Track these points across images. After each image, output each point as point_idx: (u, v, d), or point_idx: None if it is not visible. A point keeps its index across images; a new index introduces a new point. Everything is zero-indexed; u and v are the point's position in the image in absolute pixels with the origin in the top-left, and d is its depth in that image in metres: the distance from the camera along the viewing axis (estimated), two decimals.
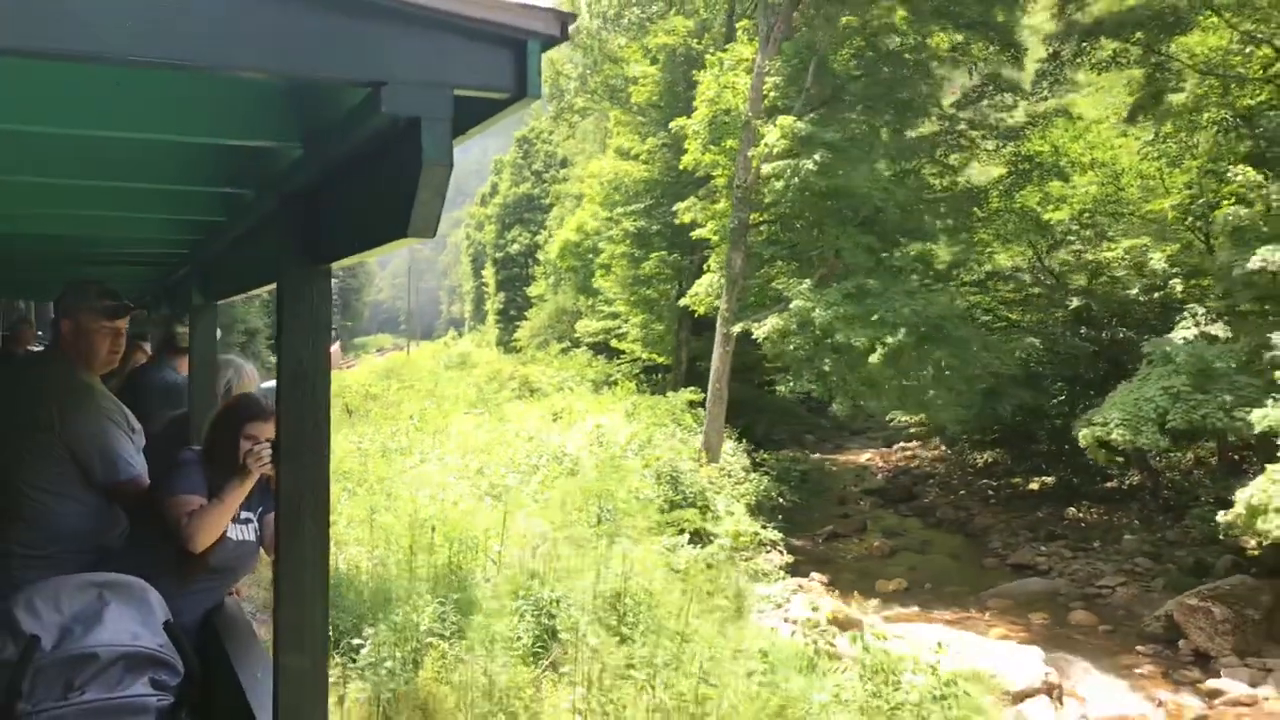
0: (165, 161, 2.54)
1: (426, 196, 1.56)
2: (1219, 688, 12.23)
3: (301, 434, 2.30)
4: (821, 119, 18.64)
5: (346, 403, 27.56)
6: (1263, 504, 11.90)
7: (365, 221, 1.92)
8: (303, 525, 2.31)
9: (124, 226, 3.84)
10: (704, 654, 8.74)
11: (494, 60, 1.53)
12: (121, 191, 2.95)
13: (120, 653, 2.38)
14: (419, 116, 1.50)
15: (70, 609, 2.42)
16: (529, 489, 14.01)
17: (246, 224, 2.95)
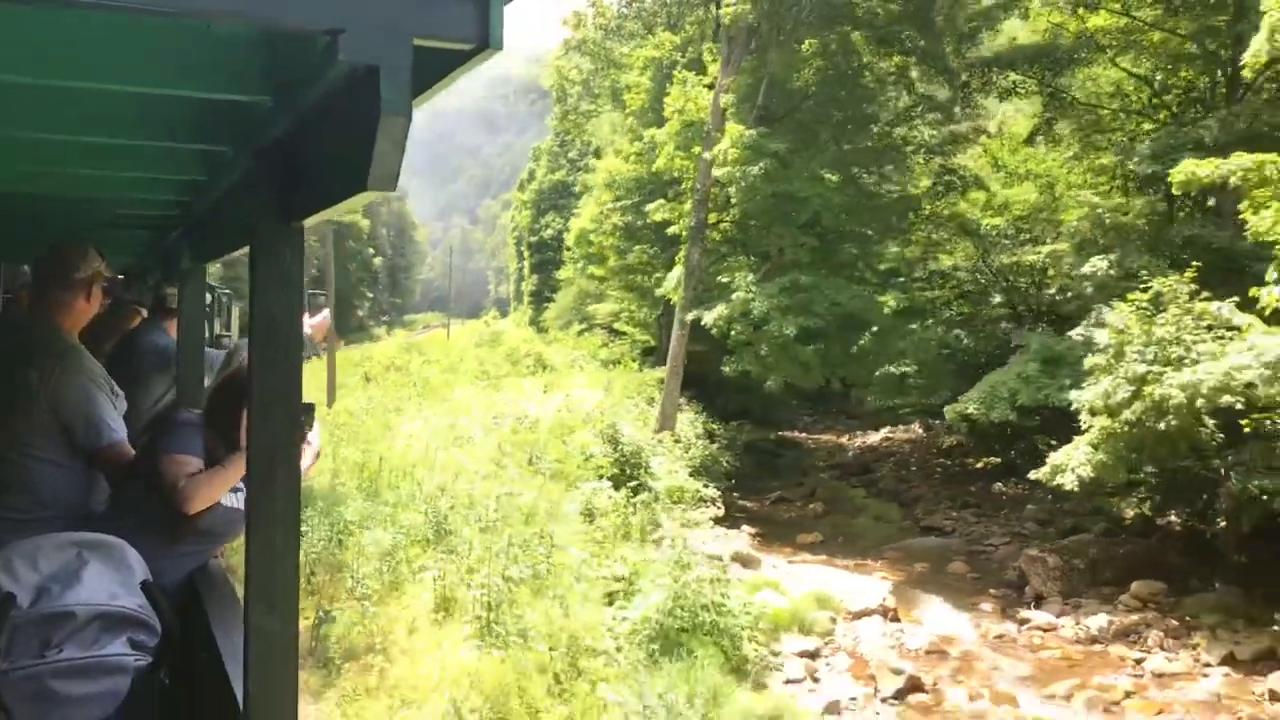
0: (143, 115, 2.53)
1: (385, 148, 1.53)
2: (1031, 618, 14.89)
3: (273, 392, 2.32)
4: (772, 132, 21.43)
5: (366, 371, 30.86)
6: (1062, 464, 14.61)
7: (328, 176, 1.89)
8: (274, 483, 2.32)
9: (113, 186, 3.82)
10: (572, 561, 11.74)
11: (455, 9, 1.49)
12: (105, 148, 2.96)
13: (98, 612, 2.38)
14: (377, 65, 1.48)
15: (48, 568, 2.42)
16: (485, 440, 17.04)
17: (226, 183, 2.96)
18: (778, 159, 20.66)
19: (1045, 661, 13.31)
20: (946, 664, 13.07)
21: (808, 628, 13.49)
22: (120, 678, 2.37)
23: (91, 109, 2.46)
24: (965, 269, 24.56)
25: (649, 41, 27.54)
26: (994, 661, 13.28)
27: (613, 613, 10.58)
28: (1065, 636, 14.25)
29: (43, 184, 3.81)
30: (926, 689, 11.93)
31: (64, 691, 2.29)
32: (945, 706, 11.53)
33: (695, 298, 22.36)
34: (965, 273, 24.35)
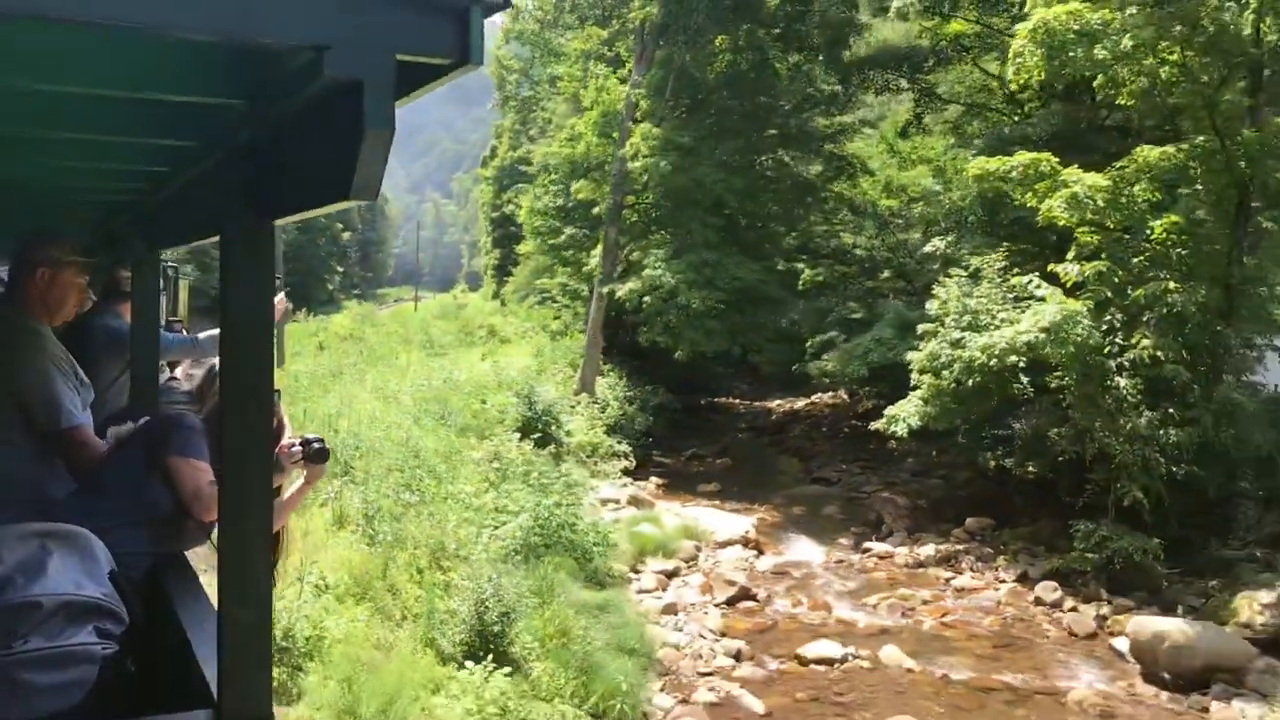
0: (107, 114, 2.46)
1: (368, 159, 1.58)
2: (873, 548, 17.35)
3: (245, 385, 2.33)
4: (679, 123, 23.74)
5: (321, 341, 33.08)
6: (896, 415, 17.08)
7: (308, 181, 1.92)
8: (247, 476, 2.33)
9: (64, 175, 3.78)
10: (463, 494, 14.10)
11: (437, 26, 1.55)
12: (61, 142, 2.92)
13: (63, 601, 2.38)
14: (361, 80, 1.53)
15: (12, 559, 2.42)
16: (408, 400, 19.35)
17: (189, 175, 2.96)
18: (683, 150, 22.97)
19: (871, 580, 15.79)
20: (784, 581, 15.53)
21: (671, 553, 15.91)
22: (88, 666, 2.37)
23: (55, 107, 2.44)
24: (863, 246, 26.94)
25: (578, 34, 29.71)
26: (826, 580, 15.75)
27: (488, 531, 12.92)
28: (897, 562, 16.71)
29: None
30: (756, 598, 14.38)
31: (32, 681, 2.29)
32: (767, 611, 13.97)
33: (612, 273, 24.69)
34: (863, 250, 26.73)
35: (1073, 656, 12.42)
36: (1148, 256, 15.61)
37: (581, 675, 9.75)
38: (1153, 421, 14.57)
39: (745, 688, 11.08)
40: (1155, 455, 14.35)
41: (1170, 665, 11.46)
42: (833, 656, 11.97)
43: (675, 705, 10.45)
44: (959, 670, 11.86)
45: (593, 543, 13.26)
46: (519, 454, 17.85)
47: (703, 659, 11.80)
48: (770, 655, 12.20)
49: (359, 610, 9.00)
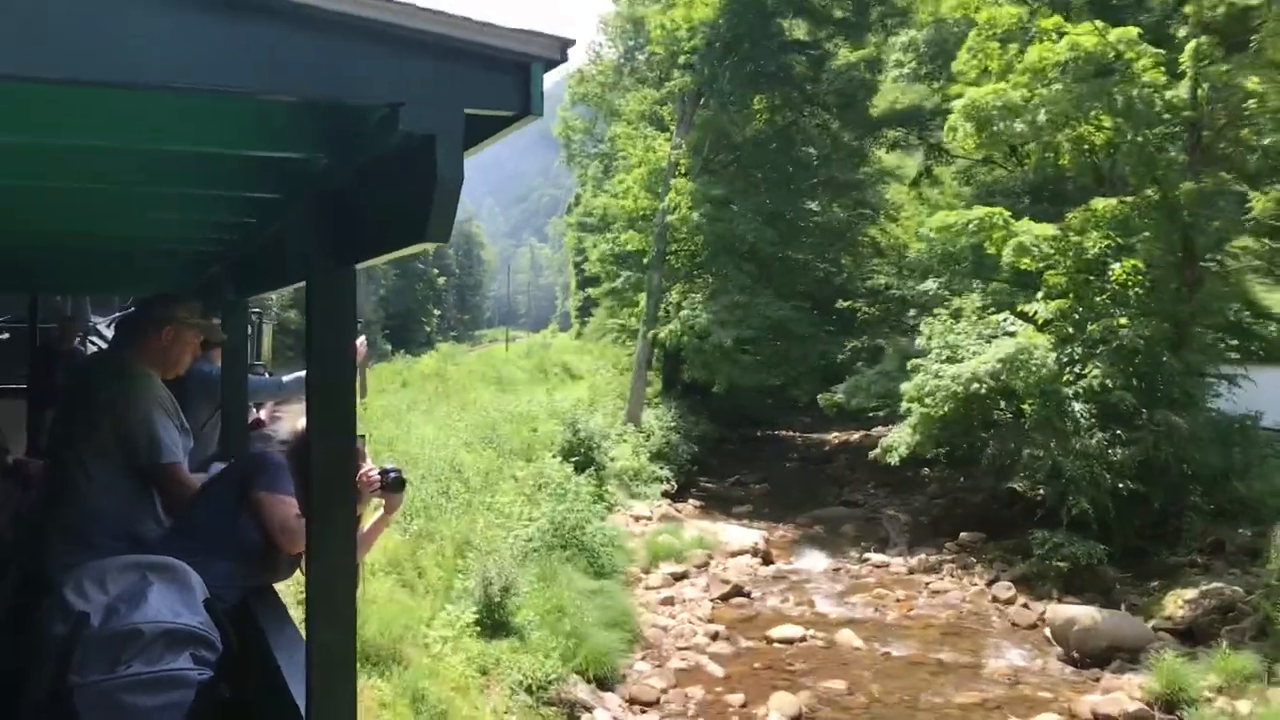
0: (203, 169, 2.68)
1: (440, 205, 1.72)
2: (871, 559, 19.43)
3: (330, 421, 2.47)
4: (715, 178, 26.31)
5: (405, 379, 36.24)
6: (891, 444, 19.18)
7: (387, 226, 2.07)
8: (332, 508, 2.48)
9: (162, 227, 3.97)
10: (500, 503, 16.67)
11: (501, 82, 1.69)
12: (157, 197, 3.13)
13: (162, 629, 2.54)
14: (433, 134, 1.67)
15: (116, 589, 2.60)
16: (466, 428, 22.09)
17: (277, 225, 3.18)
18: (718, 203, 25.51)
19: (860, 584, 17.87)
20: (780, 584, 17.72)
21: (683, 559, 18.25)
22: (184, 691, 2.52)
23: (151, 165, 2.63)
24: (889, 286, 29.01)
25: (632, 95, 32.56)
26: (819, 583, 17.89)
27: (515, 531, 15.46)
28: (890, 571, 18.76)
29: (92, 225, 3.94)
30: (749, 596, 16.63)
31: (134, 704, 2.45)
32: (754, 605, 16.21)
33: (655, 315, 27.26)
34: (890, 290, 28.81)
35: (1006, 641, 14.43)
36: (1109, 296, 17.59)
37: (571, 641, 12.17)
38: (1101, 442, 16.49)
39: (713, 659, 13.40)
40: (1102, 471, 16.25)
41: (1079, 645, 13.43)
42: (794, 637, 14.22)
43: (649, 668, 12.80)
44: (901, 649, 13.99)
45: (599, 544, 15.64)
46: (559, 474, 20.35)
47: (683, 638, 14.14)
48: (744, 637, 14.48)
49: (386, 581, 11.58)
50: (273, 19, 1.54)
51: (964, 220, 17.13)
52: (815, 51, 27.51)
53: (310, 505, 2.57)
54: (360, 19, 1.59)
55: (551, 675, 11.14)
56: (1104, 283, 17.60)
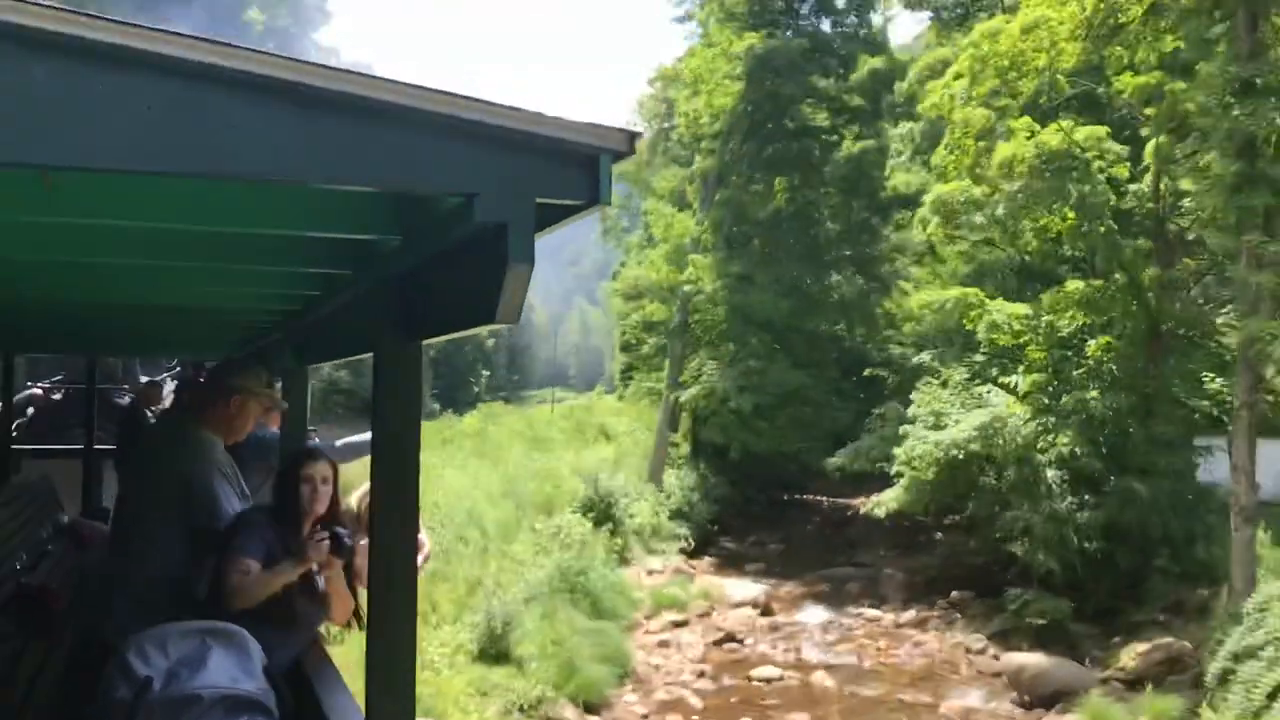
0: (275, 248, 2.76)
1: (511, 289, 1.78)
2: (864, 613, 20.75)
3: (395, 493, 2.57)
4: (735, 254, 28.14)
5: (446, 437, 38.13)
6: (880, 501, 20.63)
7: (457, 306, 2.13)
8: (393, 577, 2.55)
9: (229, 299, 4.11)
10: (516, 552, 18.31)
11: (571, 173, 1.75)
12: (234, 272, 3.21)
13: (221, 695, 2.59)
14: (506, 223, 1.73)
15: (177, 653, 2.67)
16: (493, 483, 23.83)
17: (344, 299, 3.21)
18: (736, 278, 27.32)
19: (848, 635, 19.21)
20: (774, 634, 19.11)
21: (685, 608, 19.74)
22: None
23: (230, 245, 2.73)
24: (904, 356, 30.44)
25: (666, 173, 34.65)
26: (811, 634, 19.25)
27: (524, 575, 17.10)
28: (880, 625, 20.06)
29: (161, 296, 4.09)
30: (742, 642, 18.07)
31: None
32: (744, 650, 17.64)
33: (677, 380, 28.99)
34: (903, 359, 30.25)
35: (969, 685, 15.74)
36: (1085, 371, 19.02)
37: (564, 671, 13.75)
38: (1070, 506, 17.83)
39: (695, 693, 14.90)
40: (1070, 533, 17.57)
41: (1030, 689, 14.75)
42: (771, 676, 15.68)
43: (635, 698, 14.33)
44: (869, 690, 15.38)
45: (601, 590, 17.23)
46: (577, 528, 21.99)
47: (671, 675, 15.66)
48: (728, 676, 15.95)
49: None
50: (349, 115, 1.62)
51: (942, 299, 18.70)
52: (830, 137, 29.38)
53: (372, 575, 2.66)
54: (438, 114, 1.66)
55: (542, 698, 12.72)
56: (1080, 358, 19.04)
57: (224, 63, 1.53)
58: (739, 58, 27.64)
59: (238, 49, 1.55)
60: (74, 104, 1.48)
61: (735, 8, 29.13)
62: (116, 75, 1.49)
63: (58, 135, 1.49)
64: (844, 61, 29.26)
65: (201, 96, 1.54)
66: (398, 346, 2.57)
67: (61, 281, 3.74)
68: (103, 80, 1.48)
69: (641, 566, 23.56)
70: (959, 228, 17.79)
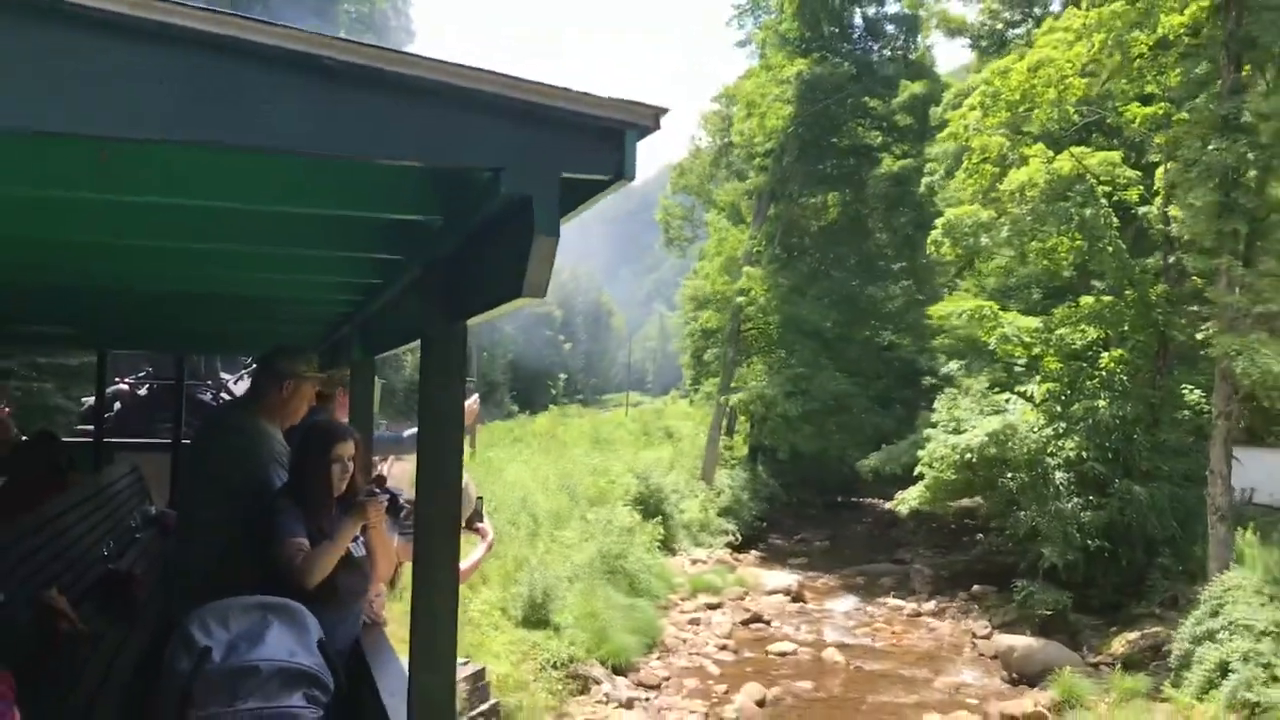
0: (331, 231, 2.82)
1: (537, 263, 1.82)
2: (889, 602, 22.32)
3: (438, 470, 2.60)
4: (786, 266, 29.87)
5: (517, 436, 40.39)
6: (905, 499, 22.18)
7: (489, 283, 2.18)
8: (436, 553, 2.59)
9: (298, 288, 4.21)
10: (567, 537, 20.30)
11: (596, 148, 1.75)
12: (295, 257, 3.33)
13: (279, 667, 2.70)
14: (531, 196, 1.75)
15: (237, 627, 2.76)
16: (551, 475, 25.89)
17: (399, 286, 3.28)
18: (787, 289, 29.06)
19: (869, 621, 20.83)
20: (801, 618, 20.81)
21: (721, 593, 21.54)
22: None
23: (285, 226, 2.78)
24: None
25: (727, 187, 36.46)
26: (835, 619, 20.91)
27: (570, 556, 19.05)
28: (902, 613, 21.62)
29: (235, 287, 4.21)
30: (768, 623, 19.80)
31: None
32: (770, 630, 19.37)
33: (729, 385, 30.79)
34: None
35: (966, 665, 17.30)
36: (1099, 381, 20.41)
37: (598, 638, 15.67)
38: (1076, 506, 19.24)
39: (715, 663, 16.71)
40: (1074, 531, 18.98)
41: (1018, 668, 16.29)
42: (786, 651, 17.41)
43: (659, 664, 16.20)
44: (873, 665, 17.03)
45: (639, 571, 19.13)
46: (627, 519, 23.91)
47: (696, 647, 17.48)
48: (748, 650, 17.73)
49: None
50: (380, 89, 1.65)
51: (959, 310, 20.24)
52: (881, 155, 30.93)
53: (416, 553, 2.69)
54: (463, 89, 1.69)
55: (574, 658, 14.67)
56: (1094, 369, 20.43)
57: (251, 37, 1.58)
58: (789, 82, 29.37)
59: (264, 23, 1.60)
60: (120, 78, 1.53)
61: (789, 33, 30.88)
62: (152, 47, 1.54)
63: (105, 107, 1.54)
64: (888, 84, 30.78)
65: (238, 71, 1.59)
66: (442, 329, 2.64)
67: (135, 268, 3.80)
68: (139, 52, 1.54)
69: (687, 556, 25.41)
70: (969, 250, 19.32)
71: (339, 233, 2.89)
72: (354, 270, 3.62)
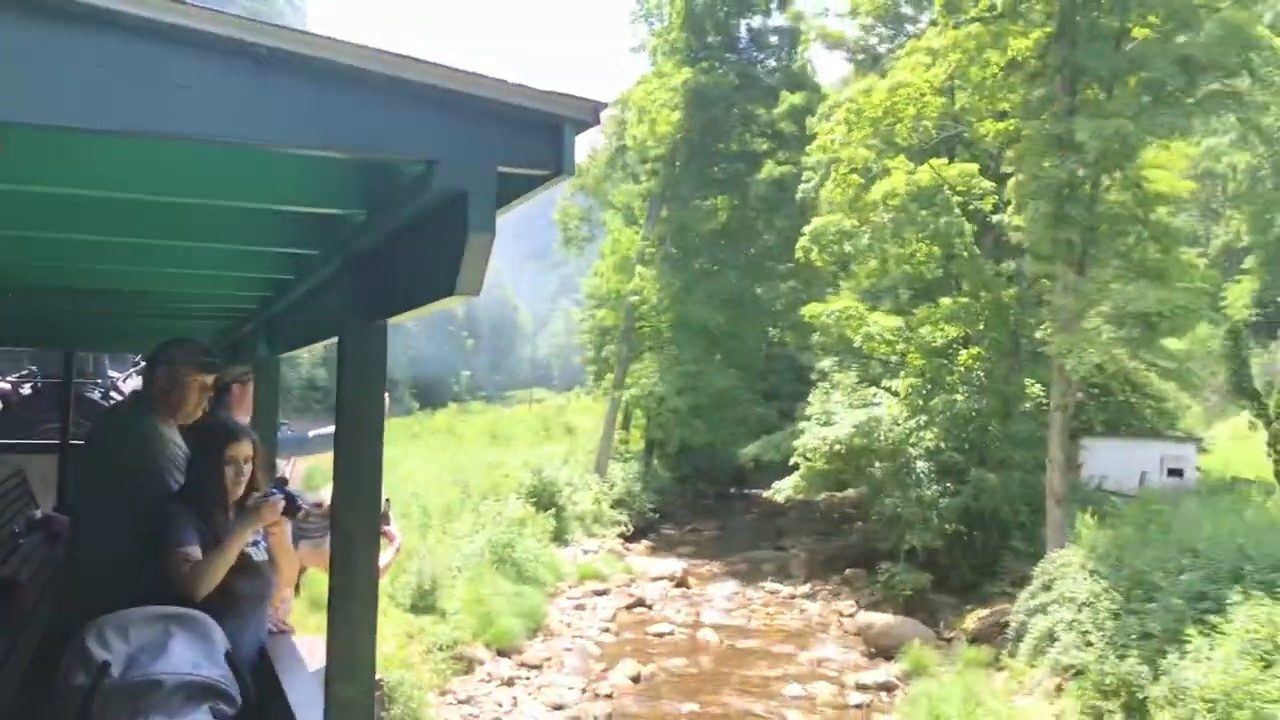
0: (244, 225, 2.71)
1: (472, 260, 1.76)
2: (767, 586, 23.57)
3: (358, 476, 2.51)
4: (677, 267, 31.03)
5: (415, 433, 40.89)
6: (779, 488, 23.48)
7: (419, 281, 2.08)
8: (356, 561, 2.50)
9: (202, 283, 4.00)
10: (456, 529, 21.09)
11: (534, 142, 1.71)
12: (201, 251, 3.15)
13: (182, 681, 2.53)
14: (466, 190, 1.70)
15: (138, 639, 2.60)
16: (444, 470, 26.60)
17: (312, 282, 3.17)
18: (678, 289, 30.21)
19: (747, 603, 22.01)
20: (682, 601, 21.92)
21: (608, 580, 22.56)
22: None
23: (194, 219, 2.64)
24: None
25: (622, 189, 37.53)
26: (715, 602, 22.05)
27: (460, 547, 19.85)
28: (778, 595, 22.86)
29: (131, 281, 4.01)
30: (650, 607, 20.88)
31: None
32: (652, 613, 20.44)
33: (622, 381, 31.84)
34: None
35: (832, 642, 18.59)
36: (958, 376, 21.91)
37: (483, 622, 16.53)
38: (935, 493, 20.70)
39: (596, 644, 17.71)
40: (934, 516, 20.44)
41: (877, 643, 17.61)
42: (664, 631, 18.49)
43: (542, 645, 17.14)
44: (744, 643, 18.22)
45: (527, 560, 20.03)
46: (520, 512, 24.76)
47: (579, 629, 18.46)
48: (629, 632, 18.77)
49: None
50: (307, 77, 1.59)
51: (827, 310, 21.59)
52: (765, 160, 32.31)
53: (334, 560, 2.61)
54: (396, 79, 1.63)
55: (459, 641, 15.52)
56: (953, 366, 21.94)
57: (179, 21, 1.50)
58: (677, 89, 30.56)
59: (194, 7, 1.51)
60: (24, 59, 1.43)
61: (677, 42, 32.07)
62: (67, 30, 1.44)
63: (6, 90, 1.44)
64: (772, 94, 32.19)
65: (155, 54, 1.50)
66: (362, 327, 2.54)
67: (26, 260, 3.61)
68: (53, 35, 1.44)
69: (578, 547, 26.36)
70: (834, 256, 20.68)
71: (251, 226, 2.80)
72: (265, 265, 3.49)
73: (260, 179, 2.18)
